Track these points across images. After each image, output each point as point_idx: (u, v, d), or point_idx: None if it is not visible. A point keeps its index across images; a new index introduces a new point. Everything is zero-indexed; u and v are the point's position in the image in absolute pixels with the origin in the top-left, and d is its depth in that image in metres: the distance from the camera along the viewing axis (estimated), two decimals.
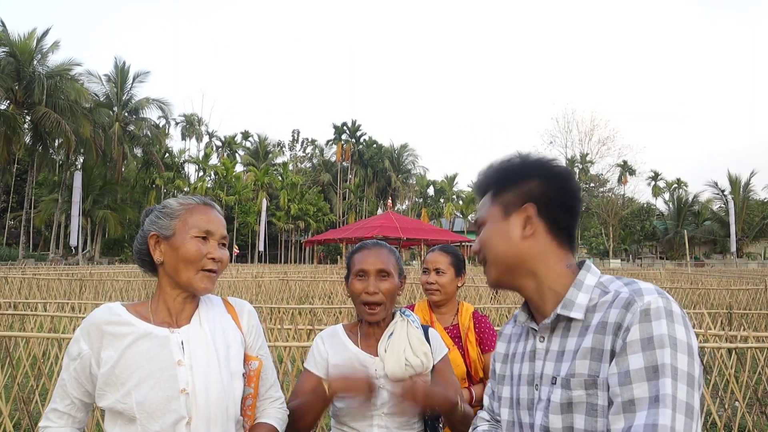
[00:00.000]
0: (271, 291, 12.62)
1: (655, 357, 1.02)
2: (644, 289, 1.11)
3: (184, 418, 1.42)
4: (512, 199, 1.27)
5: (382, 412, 1.77)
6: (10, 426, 4.28)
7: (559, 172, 1.28)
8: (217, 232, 1.55)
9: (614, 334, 1.08)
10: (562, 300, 1.20)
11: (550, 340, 1.23)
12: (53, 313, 5.32)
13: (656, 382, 1.00)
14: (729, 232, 40.29)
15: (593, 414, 1.09)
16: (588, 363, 1.11)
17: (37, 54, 35.07)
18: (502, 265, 1.28)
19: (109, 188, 42.49)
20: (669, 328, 1.04)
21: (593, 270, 1.24)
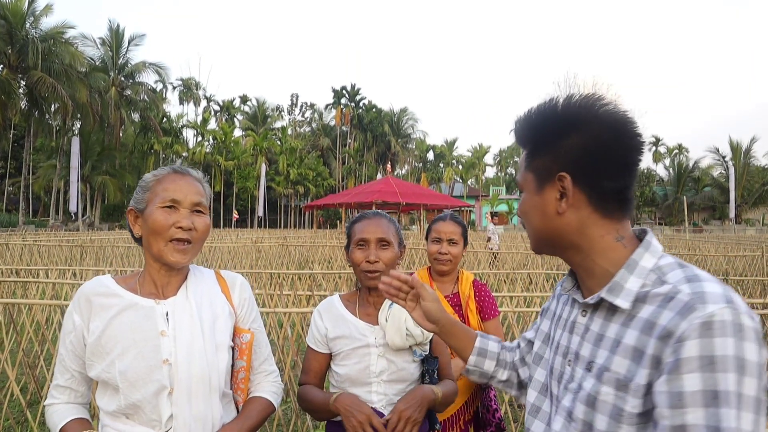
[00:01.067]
0: (270, 256, 12.69)
1: (716, 381, 0.85)
2: (709, 294, 0.91)
3: (166, 388, 1.42)
4: (546, 166, 1.10)
5: (381, 380, 1.81)
6: (17, 390, 4.37)
7: (610, 120, 1.07)
8: (184, 200, 1.49)
9: (662, 341, 0.92)
10: (610, 281, 1.05)
11: (591, 318, 1.09)
12: (55, 279, 5.37)
13: (716, 410, 0.85)
14: (728, 199, 40.33)
15: (617, 419, 0.97)
16: (626, 362, 0.98)
17: (29, 17, 34.41)
18: (541, 239, 1.15)
19: (107, 154, 42.28)
20: (737, 348, 0.86)
21: (653, 248, 1.06)
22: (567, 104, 1.09)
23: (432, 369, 1.88)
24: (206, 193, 1.58)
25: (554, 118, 1.10)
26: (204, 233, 1.53)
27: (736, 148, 52.34)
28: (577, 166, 1.06)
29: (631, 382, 0.96)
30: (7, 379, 4.50)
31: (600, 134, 1.06)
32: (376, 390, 1.81)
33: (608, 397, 0.98)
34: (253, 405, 1.60)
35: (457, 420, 2.38)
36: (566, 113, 1.09)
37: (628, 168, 1.07)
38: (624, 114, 1.07)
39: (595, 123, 1.06)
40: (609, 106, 1.07)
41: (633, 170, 1.08)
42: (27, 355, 4.47)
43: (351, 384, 1.84)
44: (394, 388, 1.83)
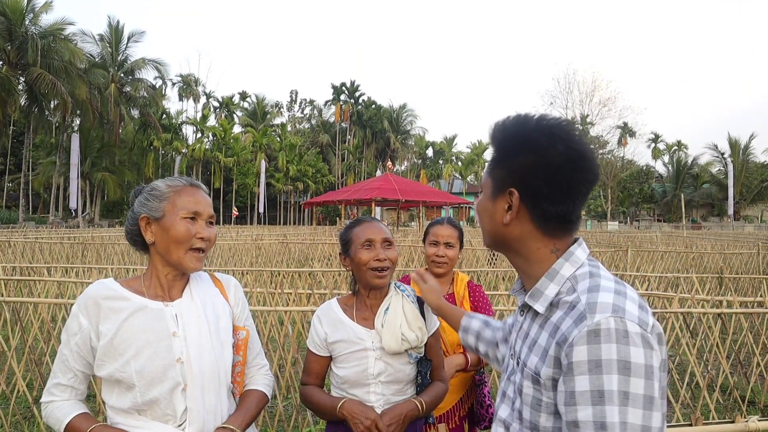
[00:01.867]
0: (270, 254, 12.77)
1: (601, 382, 0.95)
2: (599, 305, 1.01)
3: (180, 384, 1.53)
4: (502, 178, 1.17)
5: (378, 381, 1.92)
6: (23, 386, 4.46)
7: (565, 153, 1.11)
8: (204, 213, 1.62)
9: (559, 345, 1.03)
10: (533, 288, 1.16)
11: (525, 317, 1.21)
12: (59, 278, 5.46)
13: (602, 408, 0.95)
14: (727, 195, 40.46)
15: (537, 408, 1.09)
16: (536, 360, 1.10)
17: (28, 13, 34.38)
18: (489, 237, 1.25)
19: (107, 150, 42.27)
20: (620, 352, 0.96)
21: (574, 258, 1.14)
22: (537, 124, 1.14)
23: (425, 371, 1.98)
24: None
25: (521, 134, 1.15)
26: (214, 241, 1.66)
27: (734, 145, 52.39)
28: (526, 185, 1.13)
29: (540, 378, 1.07)
30: (13, 375, 4.58)
31: (554, 162, 1.11)
32: (374, 391, 1.91)
33: (529, 389, 1.11)
34: (251, 397, 1.73)
35: (452, 416, 2.47)
36: (533, 133, 1.13)
37: (574, 196, 1.12)
38: (585, 149, 1.12)
39: (553, 151, 1.10)
40: (574, 138, 1.12)
41: (580, 198, 1.13)
42: (33, 352, 4.55)
43: (350, 385, 1.93)
44: (391, 388, 1.93)
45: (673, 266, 11.50)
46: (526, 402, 1.11)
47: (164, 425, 1.53)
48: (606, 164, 56.27)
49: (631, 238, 18.96)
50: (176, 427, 1.53)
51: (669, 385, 4.80)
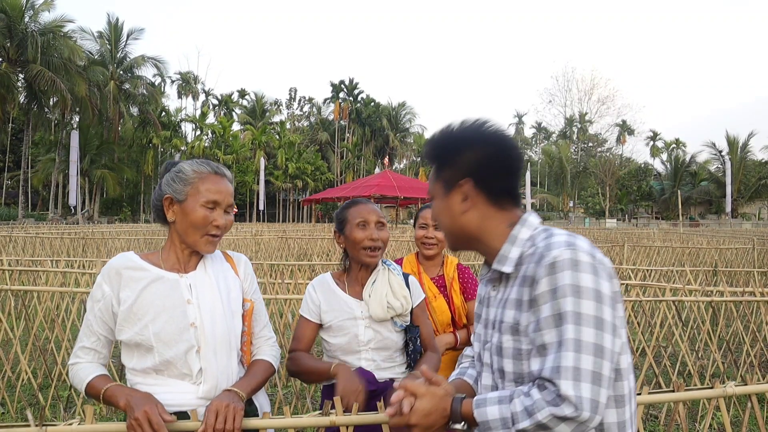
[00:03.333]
0: (270, 249, 12.86)
1: (559, 306, 1.13)
2: (554, 243, 1.20)
3: (194, 346, 1.66)
4: (451, 175, 1.34)
5: (368, 348, 2.07)
6: (29, 373, 4.55)
7: (494, 138, 1.33)
8: (224, 202, 1.73)
9: (530, 287, 1.20)
10: (497, 256, 1.31)
11: (497, 289, 1.35)
12: (63, 269, 5.55)
13: (560, 328, 1.12)
14: (725, 193, 40.55)
15: (519, 358, 1.23)
16: (512, 312, 1.24)
17: (28, 10, 34.40)
18: (452, 235, 1.40)
19: (106, 148, 42.32)
20: (572, 278, 1.13)
21: (529, 223, 1.33)
22: (461, 128, 1.35)
23: (414, 337, 2.12)
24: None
25: (453, 138, 1.36)
26: (230, 227, 1.78)
27: (732, 143, 52.42)
28: (474, 173, 1.32)
29: (519, 325, 1.22)
30: (18, 363, 4.67)
31: (489, 149, 1.32)
32: (365, 357, 2.06)
33: (508, 343, 1.25)
34: (258, 366, 1.83)
35: None
36: (462, 135, 1.35)
37: (513, 171, 1.34)
38: (503, 133, 1.34)
39: (484, 141, 1.33)
40: (495, 127, 1.34)
41: (518, 173, 1.35)
42: (38, 341, 4.64)
43: (342, 353, 2.07)
44: (381, 354, 2.07)
45: (668, 261, 11.61)
46: (507, 355, 1.25)
47: (181, 381, 1.66)
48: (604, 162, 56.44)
49: (628, 235, 19.05)
50: (192, 384, 1.66)
51: (662, 373, 4.90)
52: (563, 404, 1.08)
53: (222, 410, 1.52)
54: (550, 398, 1.10)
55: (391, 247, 11.72)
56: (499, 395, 1.18)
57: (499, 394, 1.19)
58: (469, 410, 1.20)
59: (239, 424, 1.53)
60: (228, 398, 1.58)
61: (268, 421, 1.57)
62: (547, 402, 1.09)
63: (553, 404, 1.09)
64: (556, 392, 1.09)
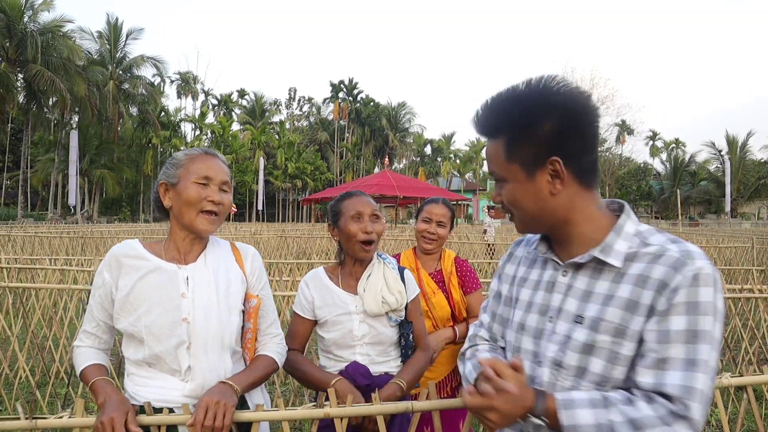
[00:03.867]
0: (269, 248, 12.84)
1: (697, 322, 1.04)
2: (695, 253, 1.08)
3: (185, 342, 1.64)
4: (532, 154, 1.15)
5: (363, 342, 2.03)
6: (27, 370, 4.55)
7: (576, 104, 1.14)
8: (216, 178, 1.70)
9: (657, 292, 1.07)
10: (601, 243, 1.16)
11: (574, 277, 1.20)
12: (61, 267, 5.54)
13: (695, 346, 1.03)
14: (724, 192, 40.52)
15: (613, 361, 1.11)
16: (621, 312, 1.11)
17: (27, 10, 34.37)
18: (534, 221, 1.23)
19: (105, 147, 42.26)
20: (713, 297, 1.05)
21: (633, 217, 1.20)
22: (532, 91, 1.15)
23: (407, 333, 2.09)
24: (229, 174, 1.79)
25: (526, 106, 1.15)
26: (228, 208, 1.74)
27: (732, 143, 52.44)
28: (563, 148, 1.14)
29: (628, 329, 1.10)
30: (17, 360, 4.66)
31: (572, 115, 1.14)
32: (359, 352, 2.02)
33: (605, 343, 1.12)
34: (259, 361, 1.79)
35: (445, 386, 2.57)
36: (536, 101, 1.14)
37: (596, 139, 1.18)
38: (580, 90, 1.15)
39: (563, 107, 1.13)
40: (568, 88, 1.15)
41: (598, 140, 1.19)
42: (35, 338, 4.63)
43: (337, 347, 2.04)
44: (375, 349, 2.04)
45: None
46: (599, 356, 1.12)
47: (171, 377, 1.65)
48: (604, 162, 56.40)
49: None
50: (180, 380, 1.64)
51: None
52: (677, 425, 1.02)
53: (212, 406, 1.49)
54: (661, 415, 1.03)
55: (390, 246, 11.71)
56: (589, 398, 1.08)
57: (589, 397, 1.09)
58: (554, 408, 1.09)
59: (229, 422, 1.50)
60: (220, 393, 1.55)
61: (262, 414, 1.55)
62: (659, 419, 1.03)
63: (664, 422, 1.02)
64: (675, 411, 1.03)
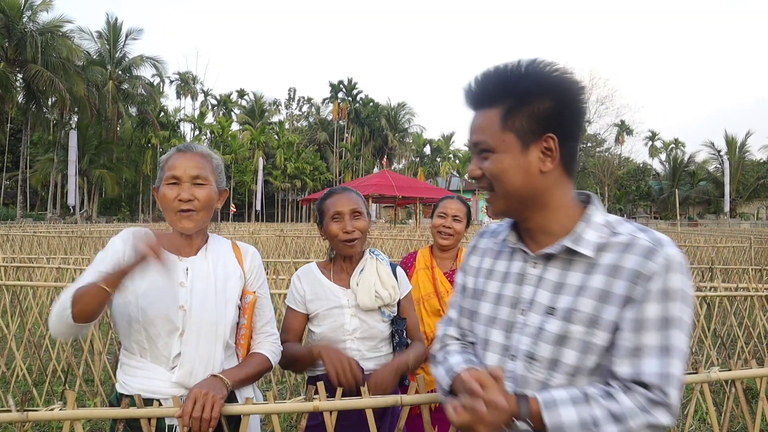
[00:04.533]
0: (268, 247, 12.85)
1: (668, 309, 1.06)
2: (664, 240, 1.09)
3: (178, 329, 1.66)
4: (530, 126, 1.13)
5: (354, 337, 2.04)
6: (24, 369, 4.55)
7: (575, 89, 1.15)
8: (184, 175, 1.68)
9: (632, 281, 1.08)
10: (571, 233, 1.16)
11: (545, 268, 1.19)
12: (58, 265, 5.55)
13: (668, 333, 1.05)
14: (723, 193, 40.58)
15: (586, 351, 1.11)
16: (593, 303, 1.11)
17: (26, 10, 34.37)
18: (515, 199, 1.19)
19: (104, 147, 42.27)
20: (683, 283, 1.07)
21: (600, 207, 1.20)
22: (537, 68, 1.14)
23: (401, 329, 2.10)
24: (211, 166, 1.77)
25: (530, 80, 1.14)
26: (206, 201, 1.71)
27: (731, 143, 52.49)
28: (560, 127, 1.14)
29: (600, 319, 1.10)
30: (13, 359, 4.67)
31: (569, 98, 1.14)
32: (350, 347, 2.03)
33: (578, 334, 1.12)
34: (253, 358, 1.82)
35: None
36: (541, 78, 1.14)
37: (583, 128, 1.18)
38: (576, 77, 1.16)
39: (568, 90, 1.14)
40: (569, 76, 1.16)
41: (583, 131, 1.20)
42: (32, 336, 4.64)
43: (327, 342, 2.03)
44: (366, 344, 2.04)
45: None
46: (572, 347, 1.12)
47: (158, 367, 1.66)
48: (603, 162, 56.43)
49: None
50: (167, 369, 1.66)
51: None
52: (658, 412, 1.03)
53: (200, 398, 1.50)
54: (641, 404, 1.04)
55: (388, 245, 11.72)
56: (570, 395, 1.08)
57: (570, 394, 1.08)
58: (537, 410, 1.07)
59: (217, 414, 1.51)
60: (209, 386, 1.56)
61: (251, 407, 1.56)
62: (639, 408, 1.04)
63: (644, 411, 1.03)
64: (653, 399, 1.04)
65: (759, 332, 5.12)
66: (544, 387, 1.15)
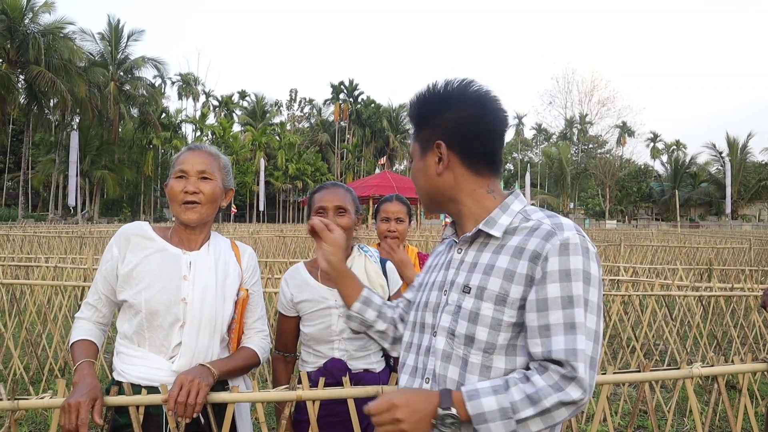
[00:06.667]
0: (268, 248, 12.87)
1: (570, 288, 1.13)
2: (565, 224, 1.19)
3: (179, 321, 1.73)
4: (427, 137, 1.33)
5: (341, 338, 2.03)
6: (21, 368, 4.57)
7: (474, 100, 1.30)
8: (192, 170, 1.78)
9: (532, 261, 1.17)
10: (486, 218, 1.27)
11: (466, 252, 1.31)
12: (56, 264, 5.57)
13: (571, 311, 1.12)
14: (725, 194, 40.52)
15: (497, 328, 1.19)
16: (500, 281, 1.19)
17: (28, 12, 34.45)
18: (427, 197, 1.38)
19: (106, 148, 42.36)
20: (584, 264, 1.15)
21: (521, 198, 1.32)
22: (445, 86, 1.32)
23: None
24: (217, 163, 1.86)
25: (434, 97, 1.33)
26: (210, 195, 1.80)
27: (732, 144, 52.39)
28: (451, 135, 1.30)
29: (508, 296, 1.19)
30: (11, 358, 4.69)
31: (468, 110, 1.29)
32: (338, 347, 2.03)
33: (488, 311, 1.20)
34: (242, 352, 1.88)
35: None
36: (443, 93, 1.32)
37: (494, 135, 1.31)
38: (489, 93, 1.31)
39: (464, 101, 1.30)
40: (478, 88, 1.31)
41: (499, 137, 1.32)
42: (30, 335, 4.66)
43: (315, 342, 2.05)
44: (354, 344, 2.03)
45: (665, 260, 11.59)
46: (484, 324, 1.20)
47: (157, 356, 1.72)
48: (604, 163, 56.42)
49: (626, 235, 19.06)
50: (166, 359, 1.72)
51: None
52: (569, 388, 1.09)
53: (186, 384, 1.56)
54: (553, 382, 1.10)
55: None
56: (491, 385, 1.14)
57: (492, 384, 1.14)
58: (461, 401, 1.14)
59: (202, 399, 1.56)
60: (196, 373, 1.61)
61: (236, 395, 1.59)
62: (551, 387, 1.09)
63: (557, 389, 1.09)
64: (565, 375, 1.09)
65: (755, 333, 5.12)
66: (464, 363, 1.22)
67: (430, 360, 1.28)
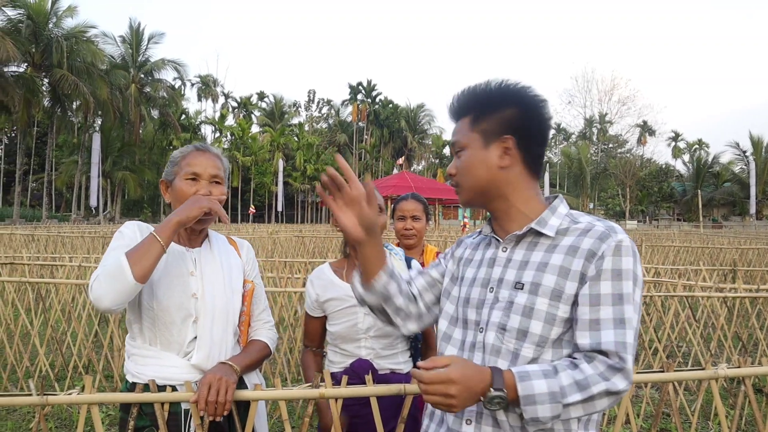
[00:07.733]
0: (287, 248, 12.96)
1: (621, 287, 1.21)
2: (617, 228, 1.28)
3: (192, 316, 1.74)
4: (492, 128, 1.34)
5: (368, 335, 2.06)
6: (47, 365, 4.66)
7: (536, 101, 1.36)
8: (204, 173, 1.78)
9: (587, 260, 1.24)
10: (537, 218, 1.33)
11: (513, 251, 1.36)
12: (80, 263, 5.67)
13: (621, 307, 1.20)
14: (749, 194, 39.79)
15: (551, 322, 1.25)
16: (555, 278, 1.26)
17: (52, 16, 35.07)
18: (477, 189, 1.38)
19: (127, 150, 42.94)
20: (633, 265, 1.24)
21: (565, 203, 1.39)
22: (505, 84, 1.37)
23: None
24: (224, 167, 1.87)
25: (497, 91, 1.37)
26: (221, 198, 1.80)
27: (757, 143, 51.38)
28: (518, 132, 1.34)
29: (563, 293, 1.25)
30: (37, 354, 4.78)
31: (531, 111, 1.35)
32: (365, 345, 2.06)
33: (543, 306, 1.26)
34: (254, 346, 1.90)
35: None
36: (506, 91, 1.36)
37: (547, 140, 1.40)
38: (544, 98, 1.38)
39: (528, 102, 1.35)
40: (534, 92, 1.37)
41: (547, 142, 1.41)
42: (55, 333, 4.75)
43: (342, 341, 2.07)
44: (381, 342, 2.06)
45: (687, 261, 11.43)
46: (539, 318, 1.26)
47: (171, 355, 1.72)
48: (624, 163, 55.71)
49: (647, 235, 18.81)
50: (182, 357, 1.73)
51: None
52: (615, 378, 1.16)
53: (215, 383, 1.57)
54: (601, 371, 1.16)
55: None
56: (542, 369, 1.18)
57: (542, 368, 1.18)
58: (512, 382, 1.16)
59: (231, 397, 1.58)
60: (222, 371, 1.63)
61: (260, 393, 1.61)
62: (599, 376, 1.15)
63: (604, 378, 1.15)
64: (613, 365, 1.16)
65: None
66: (515, 357, 1.27)
67: (476, 355, 1.32)
